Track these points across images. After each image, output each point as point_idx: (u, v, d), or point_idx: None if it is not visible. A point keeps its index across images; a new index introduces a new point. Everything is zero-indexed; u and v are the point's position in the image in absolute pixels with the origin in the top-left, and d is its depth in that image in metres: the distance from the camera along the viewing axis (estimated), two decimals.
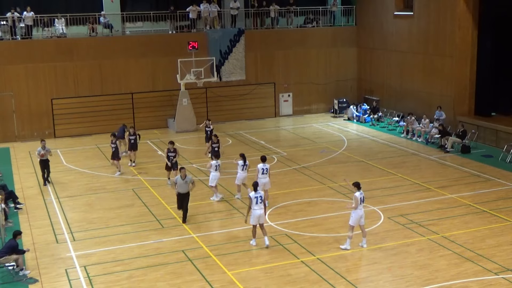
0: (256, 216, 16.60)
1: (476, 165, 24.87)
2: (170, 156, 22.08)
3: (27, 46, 31.38)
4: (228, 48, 34.79)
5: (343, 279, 14.81)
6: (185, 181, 18.44)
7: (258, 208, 16.55)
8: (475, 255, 16.05)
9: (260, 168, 19.65)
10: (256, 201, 16.53)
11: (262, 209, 16.61)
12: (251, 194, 16.61)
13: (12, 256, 15.39)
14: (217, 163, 20.82)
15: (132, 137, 25.39)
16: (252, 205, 16.54)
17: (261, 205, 16.58)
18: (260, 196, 16.65)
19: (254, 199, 16.53)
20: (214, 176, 20.75)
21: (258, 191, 16.69)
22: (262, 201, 16.66)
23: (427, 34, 31.47)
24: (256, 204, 16.53)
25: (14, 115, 30.97)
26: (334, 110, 36.51)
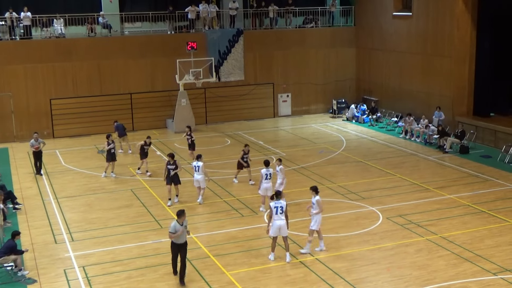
0: (276, 227, 15.61)
1: (475, 165, 24.88)
2: (169, 169, 20.36)
3: (26, 46, 31.37)
4: (227, 48, 34.79)
5: (342, 280, 14.82)
6: (185, 225, 15.01)
7: (278, 219, 15.59)
8: (473, 255, 16.06)
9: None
10: (276, 211, 15.59)
11: (282, 219, 15.61)
12: (271, 204, 15.74)
13: (10, 257, 15.38)
14: (268, 171, 19.45)
15: (146, 146, 24.24)
16: (272, 215, 15.64)
17: (281, 215, 15.60)
18: (281, 206, 15.62)
19: (274, 209, 15.60)
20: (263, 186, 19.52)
21: (278, 200, 15.79)
22: (283, 212, 15.65)
23: (425, 34, 31.49)
24: (276, 215, 15.58)
25: (13, 115, 30.94)
26: (333, 110, 36.52)
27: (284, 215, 15.66)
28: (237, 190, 22.19)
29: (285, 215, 15.70)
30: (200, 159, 20.63)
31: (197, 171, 20.49)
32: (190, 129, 26.15)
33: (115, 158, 24.40)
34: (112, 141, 24.24)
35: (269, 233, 15.87)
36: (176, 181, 20.48)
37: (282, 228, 15.60)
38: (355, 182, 22.83)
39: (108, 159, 24.15)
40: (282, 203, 15.76)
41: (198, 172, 20.49)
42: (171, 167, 20.32)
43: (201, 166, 20.47)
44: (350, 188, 22.09)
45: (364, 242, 17.10)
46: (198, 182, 20.67)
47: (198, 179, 20.61)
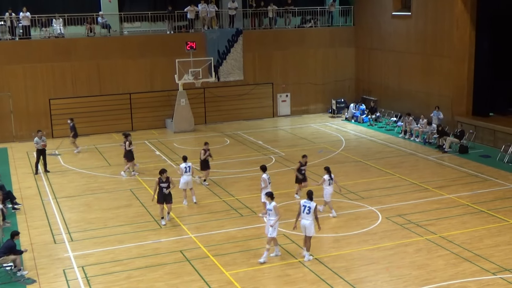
0: (303, 226, 15.78)
1: (474, 165, 24.89)
2: (162, 187, 18.37)
3: (25, 46, 31.36)
4: (226, 48, 34.79)
5: (341, 279, 14.82)
6: None
7: (304, 218, 15.73)
8: (473, 255, 16.06)
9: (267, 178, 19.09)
10: (303, 210, 15.72)
11: (308, 220, 15.68)
12: (302, 202, 15.88)
13: (10, 257, 15.37)
14: (329, 177, 18.94)
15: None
16: (300, 212, 15.80)
17: (308, 215, 15.67)
18: (309, 206, 15.67)
19: (302, 207, 15.78)
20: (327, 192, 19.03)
21: (309, 200, 15.80)
22: (310, 212, 15.71)
23: (425, 34, 31.50)
24: (303, 213, 15.75)
25: (12, 115, 30.93)
26: (332, 110, 36.52)
27: (314, 216, 15.73)
28: (236, 190, 22.20)
29: (315, 216, 15.76)
30: (187, 161, 20.63)
31: (188, 172, 20.30)
32: (126, 137, 24.32)
33: (133, 157, 24.33)
34: (130, 142, 24.20)
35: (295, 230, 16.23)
36: (169, 199, 18.64)
37: (307, 227, 15.72)
38: (354, 181, 22.83)
39: (129, 159, 24.15)
40: (312, 204, 15.72)
41: (188, 173, 20.32)
42: (164, 185, 18.40)
43: (191, 166, 20.48)
44: (349, 187, 22.09)
45: (364, 242, 17.11)
46: (187, 183, 20.36)
47: (188, 181, 20.30)
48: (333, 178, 19.06)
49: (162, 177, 18.43)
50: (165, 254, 16.60)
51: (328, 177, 18.87)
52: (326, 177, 18.90)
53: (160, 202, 18.58)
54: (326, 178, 18.86)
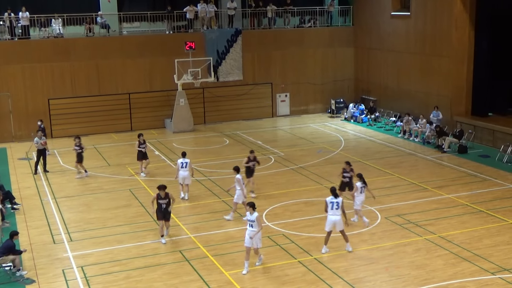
0: (331, 222, 15.97)
1: (473, 165, 24.90)
2: (161, 204, 17.29)
3: (24, 46, 31.35)
4: (225, 48, 34.80)
5: (340, 279, 14.82)
6: None
7: (333, 214, 15.90)
8: (472, 255, 16.07)
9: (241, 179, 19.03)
10: (332, 206, 15.90)
11: (337, 215, 15.90)
12: (328, 199, 16.02)
13: (9, 257, 15.37)
14: (362, 185, 18.17)
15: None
16: (328, 210, 15.98)
17: (337, 211, 15.89)
18: (337, 202, 15.91)
19: (329, 204, 15.91)
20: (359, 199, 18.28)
21: (335, 197, 16.00)
22: (340, 207, 15.93)
23: (424, 34, 31.51)
24: (332, 210, 15.92)
25: (11, 115, 30.92)
26: (331, 110, 36.53)
27: (341, 211, 15.98)
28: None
29: (342, 211, 16.01)
30: (186, 156, 20.97)
31: (184, 168, 20.69)
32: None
33: (146, 156, 24.33)
34: (144, 141, 24.17)
35: (326, 228, 16.20)
36: (168, 217, 17.51)
37: (337, 223, 15.98)
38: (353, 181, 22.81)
39: (139, 158, 24.18)
40: (339, 199, 16.02)
41: (185, 169, 20.70)
42: (163, 202, 17.22)
43: (189, 162, 20.77)
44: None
45: (363, 242, 17.11)
46: (184, 179, 20.85)
47: (184, 176, 20.77)
48: (367, 185, 18.22)
49: (161, 193, 17.14)
50: (164, 254, 16.60)
51: (361, 184, 18.00)
52: (358, 184, 18.03)
53: (159, 218, 17.43)
54: (359, 186, 17.99)
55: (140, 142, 24.10)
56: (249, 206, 15.41)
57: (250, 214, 15.25)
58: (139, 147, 24.11)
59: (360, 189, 18.01)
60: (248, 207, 15.46)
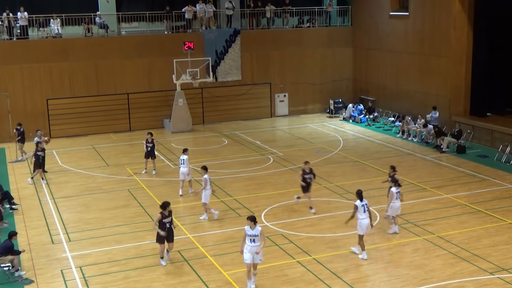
0: (365, 225, 15.73)
1: (472, 165, 24.92)
2: (165, 223, 15.69)
3: (22, 46, 31.33)
4: (224, 48, 34.80)
5: (339, 279, 14.83)
6: None
7: (365, 217, 15.74)
8: (470, 255, 16.08)
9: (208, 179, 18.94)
10: (364, 209, 15.74)
11: (368, 218, 15.78)
12: (357, 203, 15.77)
13: (7, 257, 15.35)
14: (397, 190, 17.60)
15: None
16: (359, 213, 15.73)
17: (367, 214, 15.78)
18: (366, 204, 15.81)
19: (361, 207, 15.72)
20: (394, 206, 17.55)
21: (364, 199, 15.88)
22: (368, 210, 15.83)
23: (422, 34, 31.53)
24: (364, 213, 15.74)
25: (10, 115, 30.87)
26: (330, 110, 36.54)
27: (369, 213, 15.87)
28: (234, 190, 22.18)
29: (369, 213, 15.90)
30: (185, 153, 21.35)
31: (183, 164, 21.18)
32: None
33: (153, 155, 24.43)
34: (151, 140, 24.24)
35: (358, 231, 15.91)
36: (171, 237, 15.96)
37: (368, 226, 15.84)
38: (352, 181, 22.84)
39: (145, 156, 24.30)
40: (366, 201, 15.88)
41: (184, 165, 21.17)
42: (167, 220, 15.67)
43: (186, 159, 21.14)
44: (347, 187, 22.11)
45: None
46: (184, 175, 21.32)
47: (183, 172, 21.27)
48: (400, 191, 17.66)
49: (165, 211, 15.64)
50: None
51: (396, 190, 17.49)
52: (394, 189, 17.52)
53: (161, 241, 15.71)
54: (394, 191, 17.47)
55: (147, 141, 24.18)
56: (250, 220, 14.01)
57: (251, 228, 13.98)
58: (146, 145, 24.20)
59: (395, 195, 17.43)
60: (249, 221, 14.03)
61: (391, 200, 17.42)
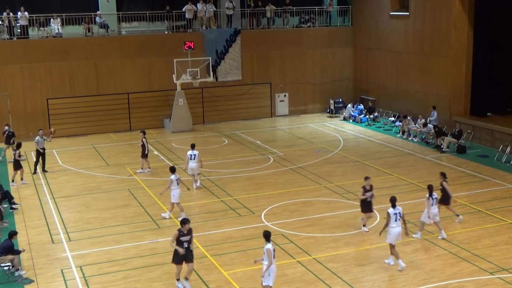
0: (396, 234, 15.22)
1: (472, 165, 24.91)
2: (183, 242, 14.15)
3: (23, 46, 31.33)
4: (224, 48, 34.79)
5: (339, 279, 14.82)
6: None
7: (397, 226, 15.22)
8: (471, 255, 16.08)
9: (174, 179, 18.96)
10: (396, 218, 15.20)
11: (400, 226, 15.27)
12: (390, 210, 15.23)
13: (7, 257, 15.35)
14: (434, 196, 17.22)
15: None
16: (391, 222, 15.20)
17: (399, 222, 15.26)
18: (399, 212, 15.26)
19: (393, 215, 15.19)
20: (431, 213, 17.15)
21: (397, 207, 15.34)
22: (401, 218, 15.33)
23: (423, 34, 31.52)
24: (395, 221, 15.21)
25: (10, 115, 30.88)
26: (330, 110, 36.53)
27: (402, 221, 15.34)
28: (234, 190, 22.18)
29: (403, 220, 15.39)
30: (194, 148, 22.04)
31: (193, 159, 21.77)
32: (18, 146, 23.68)
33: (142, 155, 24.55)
34: (145, 138, 24.39)
35: (387, 240, 15.38)
36: (190, 257, 14.39)
37: (400, 234, 15.33)
38: (353, 181, 22.83)
39: (144, 155, 24.48)
40: (400, 209, 15.33)
41: (194, 161, 21.80)
42: (186, 239, 14.18)
43: (198, 154, 21.84)
44: (347, 187, 22.10)
45: (361, 242, 17.11)
46: (193, 170, 21.97)
47: (193, 167, 21.88)
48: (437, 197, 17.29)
49: (183, 228, 14.16)
50: (162, 254, 16.57)
51: (429, 196, 17.06)
52: (428, 196, 17.12)
53: (178, 262, 14.33)
54: (433, 196, 17.13)
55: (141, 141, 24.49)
56: (264, 235, 13.36)
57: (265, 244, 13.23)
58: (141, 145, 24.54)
59: (432, 201, 17.04)
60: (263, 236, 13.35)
61: (428, 206, 16.95)
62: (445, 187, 17.99)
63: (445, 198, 18.05)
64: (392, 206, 15.32)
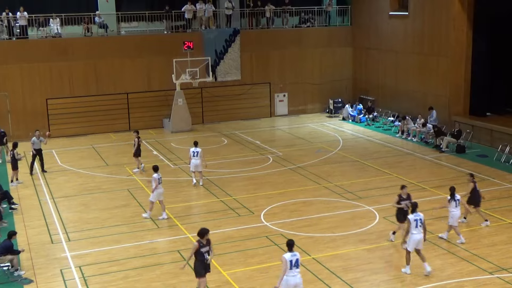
0: (415, 241, 14.81)
1: (471, 165, 24.92)
2: (203, 252, 13.38)
3: (22, 46, 31.32)
4: (224, 48, 34.79)
5: (339, 279, 14.83)
6: None
7: (417, 232, 14.79)
8: (470, 254, 16.08)
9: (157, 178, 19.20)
10: (416, 224, 14.76)
11: (421, 233, 14.82)
12: (410, 217, 14.85)
13: (7, 257, 15.35)
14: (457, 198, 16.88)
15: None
16: (411, 228, 14.80)
17: (420, 228, 14.80)
18: (420, 218, 14.80)
19: (413, 222, 14.73)
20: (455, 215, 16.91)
21: (417, 213, 14.93)
22: (422, 224, 14.84)
23: (422, 34, 31.53)
24: (416, 228, 14.79)
25: (9, 115, 30.88)
26: (329, 110, 36.54)
27: (423, 228, 14.89)
28: (234, 189, 22.18)
29: (424, 228, 14.92)
30: (197, 145, 22.41)
31: (196, 156, 22.14)
32: (15, 146, 23.81)
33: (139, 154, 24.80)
34: (138, 137, 24.59)
35: (407, 247, 15.02)
36: (209, 268, 13.78)
37: (420, 242, 14.91)
38: (352, 181, 22.85)
39: (136, 154, 24.66)
40: (421, 215, 14.90)
41: (196, 157, 22.15)
42: (205, 250, 13.42)
43: (200, 151, 22.18)
44: (346, 187, 22.10)
45: (361, 242, 17.12)
46: (196, 166, 22.33)
47: (196, 164, 22.24)
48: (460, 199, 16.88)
49: (203, 239, 13.41)
50: (162, 254, 16.60)
51: (451, 198, 16.79)
52: (449, 198, 16.86)
53: (201, 275, 13.53)
54: (456, 198, 16.78)
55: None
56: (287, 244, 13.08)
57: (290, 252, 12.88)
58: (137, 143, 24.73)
59: (454, 203, 16.76)
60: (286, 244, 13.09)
61: (450, 208, 16.74)
62: (474, 188, 17.85)
63: (475, 199, 17.94)
64: (412, 212, 14.98)
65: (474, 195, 17.95)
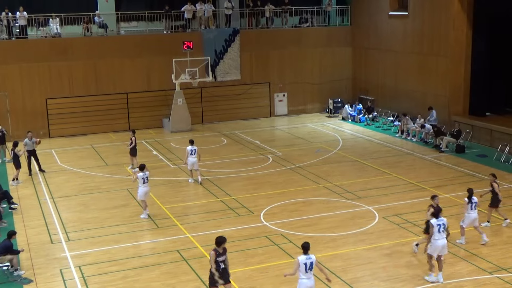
0: (439, 247, 14.48)
1: (471, 164, 24.92)
2: (219, 262, 12.99)
3: (22, 45, 31.30)
4: (223, 48, 34.79)
5: (338, 279, 14.82)
6: None
7: (440, 238, 14.48)
8: (469, 254, 16.09)
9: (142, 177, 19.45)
10: (439, 229, 14.42)
11: (444, 238, 14.52)
12: (433, 221, 14.53)
13: (6, 257, 15.35)
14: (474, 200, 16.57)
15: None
16: (434, 233, 14.49)
17: (443, 234, 14.47)
18: (443, 223, 14.44)
19: (436, 227, 14.42)
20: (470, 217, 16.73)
21: (440, 218, 14.65)
22: (445, 229, 14.50)
23: (421, 34, 31.54)
24: (439, 233, 14.46)
25: (9, 115, 30.87)
26: (329, 110, 36.54)
27: (446, 233, 14.60)
28: (233, 189, 22.18)
29: (447, 233, 14.64)
30: (193, 144, 22.65)
31: (193, 154, 22.43)
32: (15, 145, 23.92)
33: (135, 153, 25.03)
34: (134, 137, 24.77)
35: (428, 251, 14.72)
36: (227, 277, 13.28)
37: (444, 248, 14.63)
38: (351, 181, 22.85)
39: (132, 154, 24.86)
40: (444, 220, 14.57)
41: (194, 155, 22.44)
42: (221, 259, 13.03)
43: (197, 149, 22.45)
44: (346, 187, 22.11)
45: (360, 242, 17.12)
46: (193, 164, 22.59)
47: (193, 162, 22.51)
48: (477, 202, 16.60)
49: (219, 248, 12.96)
50: (162, 253, 16.59)
51: (469, 200, 16.48)
52: (467, 200, 16.53)
53: (215, 284, 13.03)
54: (473, 201, 16.50)
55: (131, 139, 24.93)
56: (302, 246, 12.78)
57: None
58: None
59: (470, 205, 16.45)
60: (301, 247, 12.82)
61: (465, 211, 16.55)
62: (495, 189, 17.70)
63: (495, 200, 17.82)
64: (435, 217, 14.78)
65: (494, 197, 17.79)
